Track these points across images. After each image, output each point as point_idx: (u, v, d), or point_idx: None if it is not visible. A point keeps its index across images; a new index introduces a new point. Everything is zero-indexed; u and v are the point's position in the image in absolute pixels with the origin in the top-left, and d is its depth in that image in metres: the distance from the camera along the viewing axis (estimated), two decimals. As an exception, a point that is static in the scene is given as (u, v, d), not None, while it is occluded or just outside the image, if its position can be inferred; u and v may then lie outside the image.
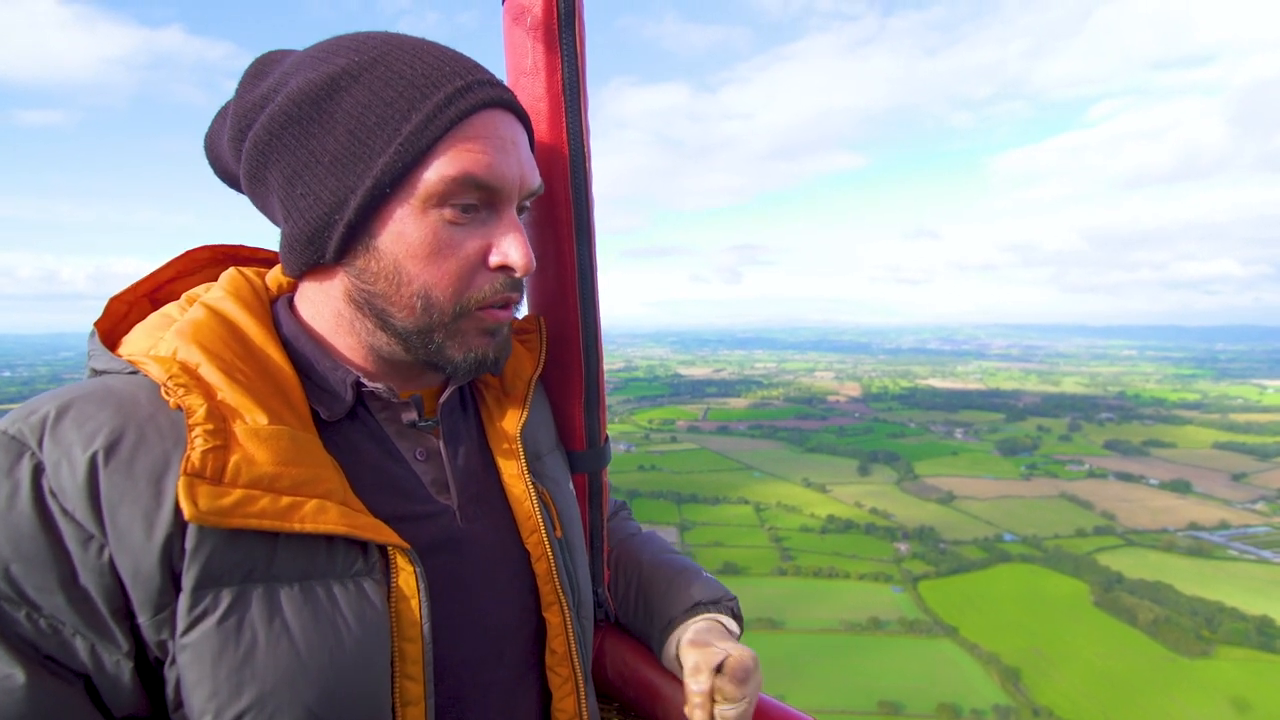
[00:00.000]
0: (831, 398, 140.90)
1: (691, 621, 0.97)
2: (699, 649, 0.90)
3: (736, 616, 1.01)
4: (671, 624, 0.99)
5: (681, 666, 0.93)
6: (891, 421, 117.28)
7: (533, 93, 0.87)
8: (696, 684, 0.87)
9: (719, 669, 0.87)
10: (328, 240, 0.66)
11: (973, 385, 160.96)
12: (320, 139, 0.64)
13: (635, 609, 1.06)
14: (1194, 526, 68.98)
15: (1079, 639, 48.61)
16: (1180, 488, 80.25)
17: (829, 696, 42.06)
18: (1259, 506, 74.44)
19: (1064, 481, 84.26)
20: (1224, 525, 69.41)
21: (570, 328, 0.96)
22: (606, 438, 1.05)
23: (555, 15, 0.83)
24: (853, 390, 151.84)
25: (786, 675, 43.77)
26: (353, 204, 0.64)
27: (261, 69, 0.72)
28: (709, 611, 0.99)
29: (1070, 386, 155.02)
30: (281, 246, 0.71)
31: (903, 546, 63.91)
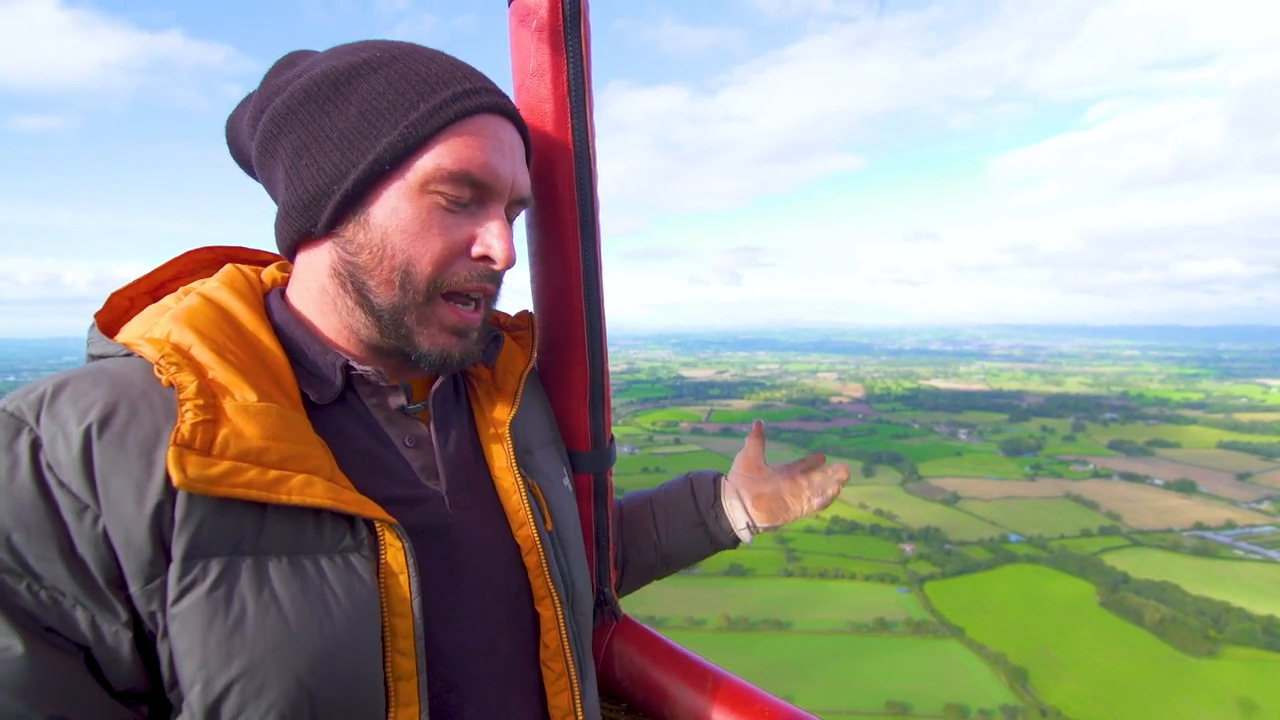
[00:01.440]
0: (835, 399, 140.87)
1: (729, 485, 1.17)
2: (779, 485, 1.14)
3: None
4: (704, 515, 1.15)
5: (772, 508, 1.13)
6: (895, 422, 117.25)
7: (538, 94, 0.88)
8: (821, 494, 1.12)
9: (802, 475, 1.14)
10: (322, 208, 0.69)
11: (976, 386, 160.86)
12: (333, 117, 0.68)
13: (666, 526, 1.17)
14: (1199, 526, 68.88)
15: (1086, 639, 48.58)
16: (1185, 488, 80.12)
17: (837, 697, 42.08)
18: (1264, 506, 74.28)
19: (1069, 482, 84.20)
20: (1229, 525, 69.32)
21: (575, 328, 0.96)
22: (612, 438, 1.05)
23: (561, 17, 0.84)
24: (856, 391, 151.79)
25: (794, 676, 43.80)
26: (352, 176, 0.67)
27: (289, 61, 0.77)
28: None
29: (1073, 387, 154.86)
30: (277, 218, 0.74)
31: (908, 547, 63.88)
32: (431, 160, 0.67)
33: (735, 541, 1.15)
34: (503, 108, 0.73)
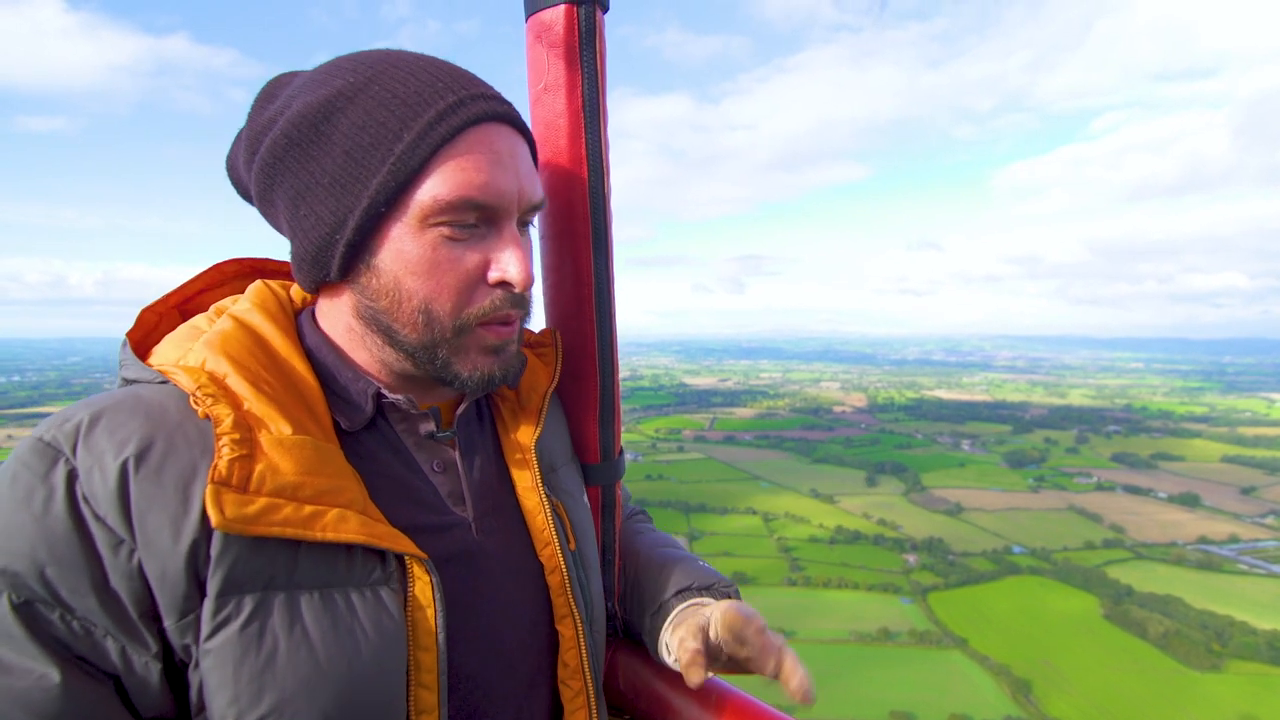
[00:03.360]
0: (837, 408, 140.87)
1: (680, 606, 0.93)
2: (682, 624, 0.86)
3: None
4: (661, 610, 0.94)
5: (670, 653, 0.89)
6: (898, 432, 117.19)
7: (553, 109, 0.88)
8: (684, 649, 0.80)
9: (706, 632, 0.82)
10: (331, 259, 0.68)
11: (979, 397, 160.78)
12: (319, 161, 0.66)
13: (630, 601, 1.04)
14: (1203, 540, 68.74)
15: (1089, 652, 48.55)
16: (1189, 501, 79.96)
17: (841, 707, 42.13)
18: (1269, 520, 74.10)
19: (1072, 494, 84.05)
20: (1233, 539, 69.16)
21: (586, 340, 0.97)
22: (621, 450, 1.05)
23: (576, 34, 0.85)
24: (859, 401, 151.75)
25: (798, 685, 43.75)
26: (351, 224, 0.65)
27: (271, 93, 0.74)
28: (700, 596, 0.93)
29: (1077, 399, 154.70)
30: (292, 265, 0.73)
31: (911, 558, 63.89)
32: (428, 192, 0.65)
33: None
34: (495, 113, 0.68)
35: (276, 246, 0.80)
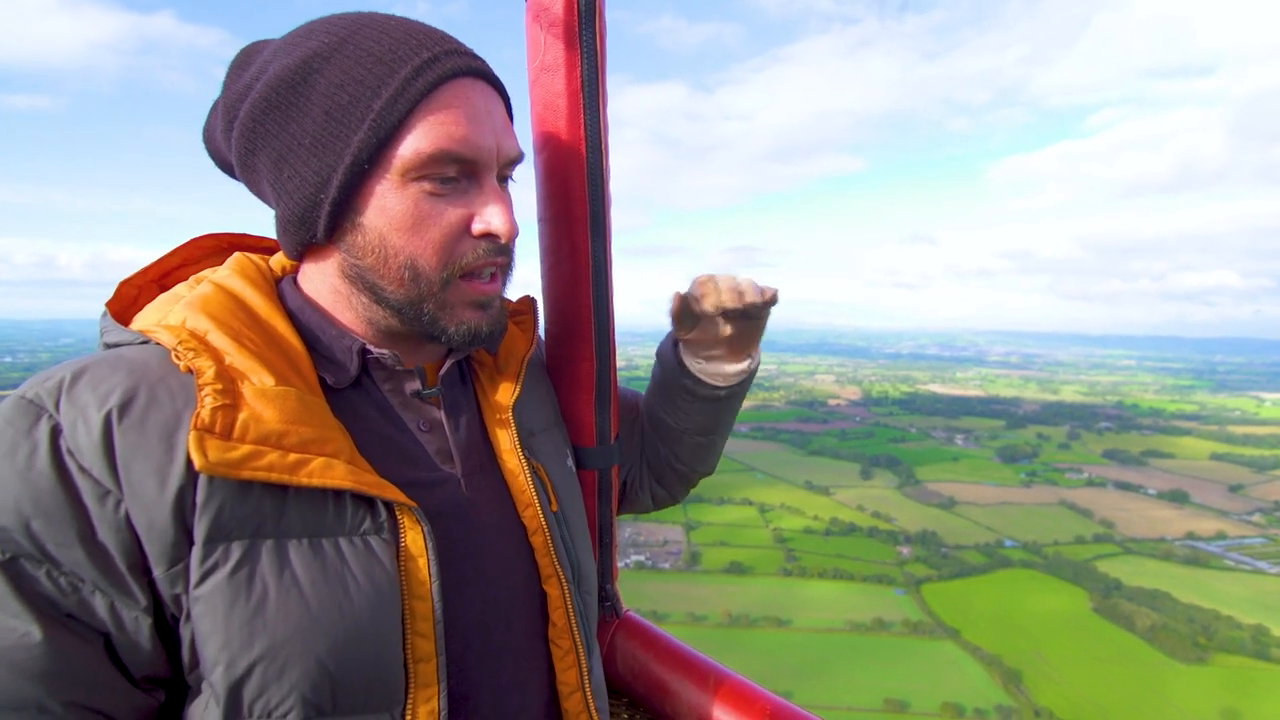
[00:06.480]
0: (832, 401, 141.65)
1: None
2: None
3: None
4: (678, 345, 1.03)
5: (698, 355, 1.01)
6: (893, 426, 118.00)
7: (552, 89, 0.87)
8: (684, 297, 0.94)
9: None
10: (317, 220, 0.68)
11: (972, 392, 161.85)
12: (299, 122, 0.66)
13: (658, 398, 1.09)
14: (1191, 536, 69.88)
15: (1078, 644, 49.48)
16: (1178, 498, 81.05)
17: (837, 694, 42.93)
18: (1255, 518, 75.33)
19: (1063, 489, 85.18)
20: (1221, 536, 70.33)
21: (583, 324, 0.96)
22: (619, 435, 1.06)
23: (576, 13, 0.84)
24: (853, 394, 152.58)
25: (795, 673, 44.62)
26: (335, 183, 0.66)
27: (244, 60, 0.74)
28: None
29: (1069, 395, 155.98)
30: (277, 229, 0.73)
31: (905, 550, 64.73)
32: (409, 147, 0.65)
33: (724, 392, 1.04)
34: (470, 68, 0.69)
35: (267, 229, 0.80)
